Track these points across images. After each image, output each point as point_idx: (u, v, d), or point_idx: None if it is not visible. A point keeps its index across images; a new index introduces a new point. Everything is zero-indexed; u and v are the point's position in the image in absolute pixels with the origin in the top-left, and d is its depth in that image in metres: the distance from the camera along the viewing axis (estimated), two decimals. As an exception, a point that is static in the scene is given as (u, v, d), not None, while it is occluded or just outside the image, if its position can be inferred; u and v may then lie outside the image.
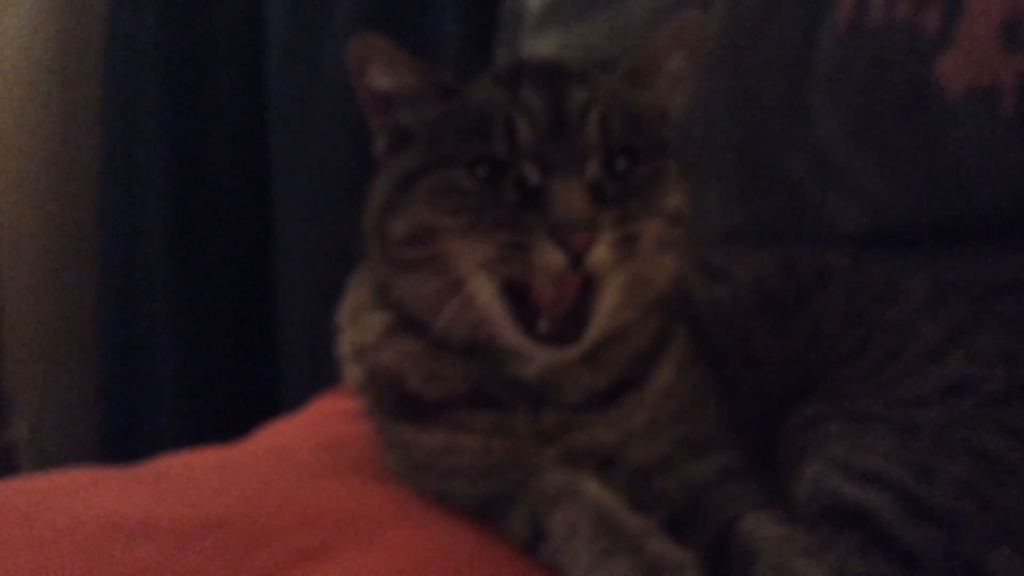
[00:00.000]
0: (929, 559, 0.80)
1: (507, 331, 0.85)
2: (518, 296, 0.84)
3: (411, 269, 0.89)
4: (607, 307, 0.85)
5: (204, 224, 2.34)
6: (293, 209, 2.17)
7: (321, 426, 1.19)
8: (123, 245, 2.41)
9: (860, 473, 0.84)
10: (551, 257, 0.79)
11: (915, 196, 1.31)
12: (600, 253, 0.81)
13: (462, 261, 0.84)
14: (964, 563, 0.80)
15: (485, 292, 0.84)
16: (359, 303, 1.02)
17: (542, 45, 1.67)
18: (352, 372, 1.01)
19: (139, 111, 2.34)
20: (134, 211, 2.39)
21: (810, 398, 0.97)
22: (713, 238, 1.41)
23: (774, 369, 1.03)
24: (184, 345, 2.36)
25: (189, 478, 0.98)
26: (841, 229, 1.36)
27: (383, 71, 0.92)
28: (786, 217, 1.41)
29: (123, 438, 2.42)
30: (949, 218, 1.30)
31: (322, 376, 1.44)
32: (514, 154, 0.85)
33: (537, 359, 0.87)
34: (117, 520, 0.83)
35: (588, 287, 0.84)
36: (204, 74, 2.31)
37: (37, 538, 0.80)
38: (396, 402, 0.96)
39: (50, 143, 2.47)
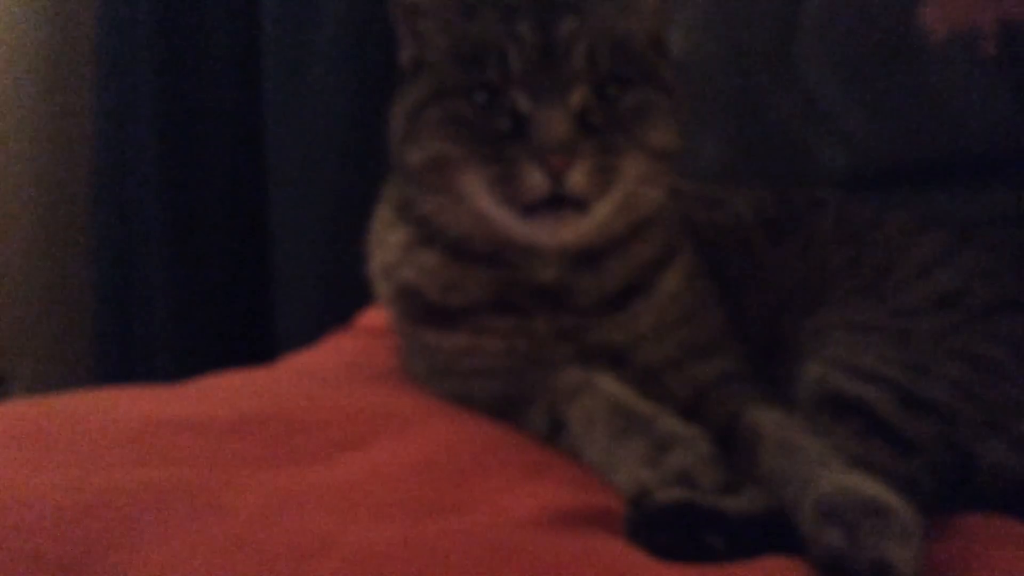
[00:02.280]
0: (923, 447, 0.85)
1: (506, 222, 0.91)
2: None
3: (431, 191, 0.96)
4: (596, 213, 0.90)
5: (198, 176, 2.34)
6: (289, 150, 2.19)
7: (341, 352, 1.25)
8: (116, 203, 2.41)
9: (859, 371, 0.90)
10: (534, 180, 0.86)
11: (900, 138, 1.37)
12: (579, 176, 0.86)
13: (469, 185, 0.91)
14: (956, 452, 0.86)
15: (489, 206, 0.91)
16: (384, 222, 1.09)
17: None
18: (381, 288, 1.08)
19: (132, 56, 2.33)
20: (127, 168, 2.38)
21: (812, 312, 1.02)
22: (708, 179, 1.46)
23: (772, 280, 1.09)
24: (180, 304, 2.37)
25: (223, 389, 1.04)
26: (829, 170, 1.41)
27: None
28: (777, 160, 1.47)
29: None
30: (933, 159, 1.36)
31: (320, 325, 1.48)
32: (506, 82, 0.90)
33: (537, 241, 0.92)
34: (161, 419, 0.88)
35: None
36: (197, 27, 2.30)
37: (86, 436, 0.85)
38: (421, 311, 1.02)
39: (42, 106, 2.47)
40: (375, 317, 1.33)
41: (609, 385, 0.90)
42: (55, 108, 2.48)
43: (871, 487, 0.73)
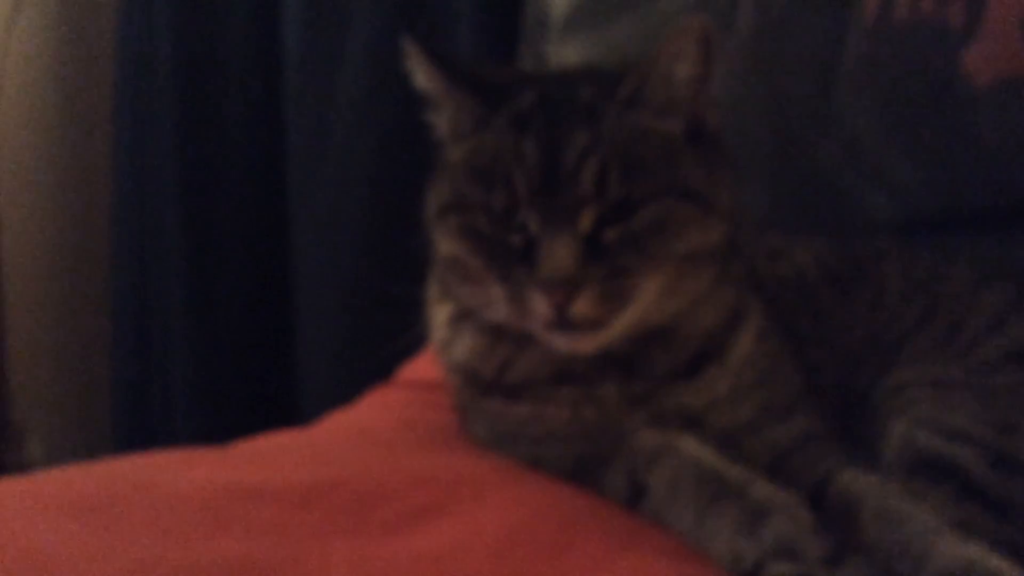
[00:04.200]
0: (1018, 508, 0.83)
1: (528, 328, 0.90)
2: None
3: (458, 281, 0.96)
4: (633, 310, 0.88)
5: (219, 233, 2.34)
6: (311, 216, 2.18)
7: (389, 411, 1.20)
8: (136, 260, 2.42)
9: (947, 430, 0.88)
10: (538, 308, 0.85)
11: (947, 185, 1.35)
12: (582, 307, 0.84)
13: (491, 289, 0.91)
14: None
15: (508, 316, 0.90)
16: (432, 295, 1.08)
17: (569, 52, 1.69)
18: (440, 359, 1.07)
19: (151, 116, 2.34)
20: (147, 225, 2.39)
21: (888, 369, 1.00)
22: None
23: (842, 336, 1.06)
24: (199, 360, 2.36)
25: (283, 453, 1.00)
26: (875, 219, 1.39)
27: (421, 73, 0.97)
28: (820, 210, 1.45)
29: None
30: (981, 206, 1.34)
31: (342, 388, 1.45)
32: (514, 204, 0.88)
33: (559, 350, 0.90)
34: (234, 486, 0.84)
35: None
36: (218, 78, 2.31)
37: (160, 503, 0.82)
38: (478, 385, 1.01)
39: (60, 157, 2.47)
40: (420, 369, 1.30)
41: (693, 448, 0.88)
42: (74, 167, 2.48)
43: (991, 559, 0.71)
